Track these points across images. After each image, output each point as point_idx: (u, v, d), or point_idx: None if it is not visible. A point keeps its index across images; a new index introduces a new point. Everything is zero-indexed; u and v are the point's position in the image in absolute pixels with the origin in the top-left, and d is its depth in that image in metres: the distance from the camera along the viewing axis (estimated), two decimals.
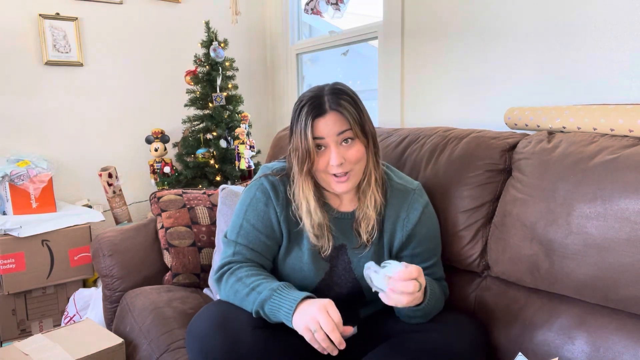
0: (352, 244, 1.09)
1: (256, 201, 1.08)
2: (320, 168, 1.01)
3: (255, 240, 1.07)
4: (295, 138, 1.00)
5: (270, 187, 1.08)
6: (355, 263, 1.09)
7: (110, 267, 1.54)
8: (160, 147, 2.45)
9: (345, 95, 1.00)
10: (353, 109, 0.99)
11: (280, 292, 0.93)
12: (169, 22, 2.67)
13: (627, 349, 0.89)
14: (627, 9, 1.26)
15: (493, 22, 1.60)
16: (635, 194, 0.89)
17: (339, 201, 1.10)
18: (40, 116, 2.34)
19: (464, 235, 1.19)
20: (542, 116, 1.24)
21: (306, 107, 0.99)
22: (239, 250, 1.06)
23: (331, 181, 1.01)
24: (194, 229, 1.61)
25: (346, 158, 0.99)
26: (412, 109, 1.97)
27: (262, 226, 1.07)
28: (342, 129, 0.98)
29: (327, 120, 0.98)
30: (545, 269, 1.03)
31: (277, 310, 0.92)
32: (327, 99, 0.99)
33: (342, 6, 2.12)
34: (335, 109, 0.98)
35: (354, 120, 0.98)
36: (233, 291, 0.99)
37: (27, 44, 2.28)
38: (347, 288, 1.10)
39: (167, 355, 1.16)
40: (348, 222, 1.09)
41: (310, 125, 0.97)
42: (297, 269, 1.09)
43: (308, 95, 1.01)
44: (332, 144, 0.98)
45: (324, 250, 1.07)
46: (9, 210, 2.02)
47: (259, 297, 0.94)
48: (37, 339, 1.30)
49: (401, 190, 1.10)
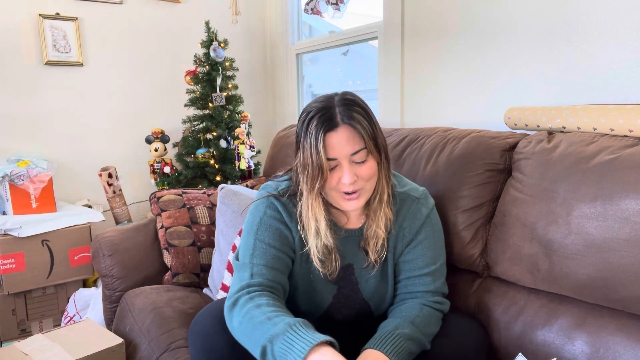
0: (359, 263, 1.03)
1: (268, 219, 1.00)
2: (332, 186, 0.93)
3: (274, 258, 0.96)
4: (304, 154, 0.91)
5: (282, 206, 1.01)
6: (363, 284, 1.04)
7: (110, 267, 1.54)
8: (160, 147, 2.45)
9: (358, 107, 0.92)
10: (366, 122, 0.91)
11: (297, 329, 0.78)
12: (169, 22, 2.66)
13: (627, 349, 0.89)
14: (627, 9, 1.26)
15: (493, 22, 1.60)
16: (635, 194, 0.89)
17: (346, 218, 1.04)
18: (40, 116, 2.35)
19: (464, 235, 1.19)
20: (542, 116, 1.24)
21: (315, 119, 0.90)
22: (257, 272, 0.94)
23: (340, 199, 0.94)
24: (194, 228, 1.61)
25: (358, 175, 0.92)
26: (412, 109, 1.97)
27: (278, 243, 0.98)
28: (355, 148, 0.90)
29: (340, 136, 0.90)
30: (545, 269, 1.03)
31: (288, 350, 0.76)
32: (338, 111, 0.91)
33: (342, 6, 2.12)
34: (348, 122, 0.90)
35: (368, 135, 0.91)
36: (249, 317, 0.84)
37: (27, 44, 2.28)
38: (355, 309, 1.06)
39: (167, 355, 1.15)
40: (355, 240, 1.03)
41: (322, 141, 0.88)
42: (307, 293, 1.05)
43: (316, 107, 0.92)
44: (344, 163, 0.91)
45: (331, 273, 1.01)
46: (9, 210, 2.02)
47: (272, 330, 0.79)
48: (37, 339, 1.31)
49: (405, 201, 1.03)
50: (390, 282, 1.06)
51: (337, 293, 1.05)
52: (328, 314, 1.07)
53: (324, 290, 1.04)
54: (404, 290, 1.04)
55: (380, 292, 1.05)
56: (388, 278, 1.06)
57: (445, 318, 1.04)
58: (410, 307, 0.99)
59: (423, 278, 1.03)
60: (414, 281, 1.03)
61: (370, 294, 1.05)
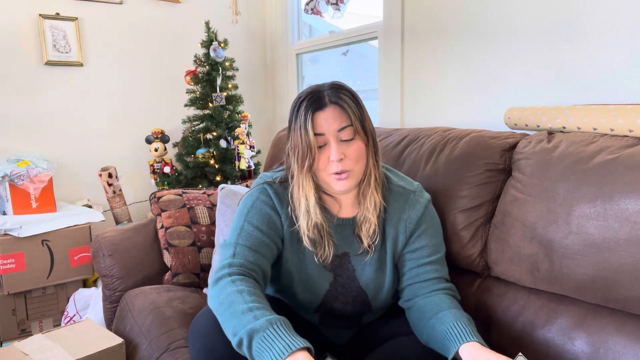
0: (354, 251, 1.06)
1: (260, 203, 1.04)
2: (321, 166, 0.98)
3: (258, 241, 1.00)
4: (295, 135, 0.97)
5: (274, 193, 1.04)
6: (360, 271, 1.06)
7: (110, 267, 1.54)
8: (160, 147, 2.45)
9: (345, 90, 0.98)
10: (353, 103, 0.97)
11: (277, 329, 0.79)
12: (169, 22, 2.67)
13: (627, 349, 0.89)
14: (627, 9, 1.26)
15: (493, 22, 1.60)
16: (635, 194, 0.89)
17: (339, 207, 1.07)
18: (40, 116, 2.35)
19: (464, 234, 1.19)
20: (542, 116, 1.24)
21: (305, 101, 0.96)
22: (240, 252, 0.98)
23: (331, 180, 0.98)
24: (194, 228, 1.61)
25: (346, 155, 0.96)
26: (412, 109, 1.97)
27: (266, 228, 1.02)
28: (342, 124, 0.95)
29: (327, 115, 0.95)
30: (545, 269, 1.03)
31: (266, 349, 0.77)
32: (326, 93, 0.97)
33: (342, 6, 2.12)
34: (335, 102, 0.96)
35: (355, 115, 0.96)
36: (229, 301, 0.87)
37: (27, 44, 2.28)
38: (352, 297, 1.07)
39: (167, 355, 1.15)
40: (349, 229, 1.06)
41: (310, 119, 0.94)
42: (303, 282, 1.07)
43: (307, 91, 0.99)
44: (332, 140, 0.95)
45: (325, 257, 1.03)
46: (9, 210, 2.02)
47: (253, 324, 0.81)
48: (37, 339, 1.31)
49: (401, 193, 1.07)
50: (388, 272, 1.06)
51: (334, 281, 1.06)
52: (325, 303, 1.08)
53: (320, 277, 1.06)
54: (416, 279, 1.04)
55: (377, 282, 1.06)
56: (386, 268, 1.06)
57: None
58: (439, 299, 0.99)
59: (432, 265, 1.05)
60: (424, 268, 1.04)
61: (367, 282, 1.06)
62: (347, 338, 1.16)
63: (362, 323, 1.14)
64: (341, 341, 1.16)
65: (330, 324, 1.14)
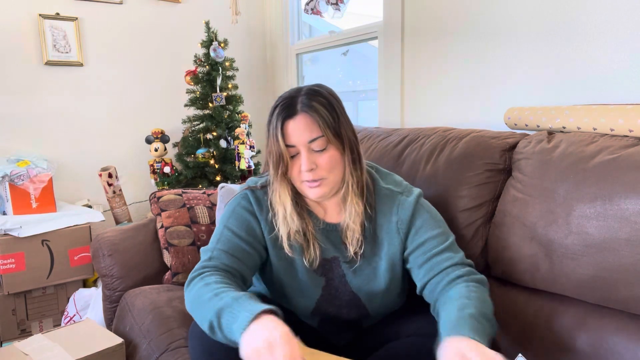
0: (343, 257, 1.04)
1: (240, 209, 1.03)
2: (294, 175, 0.97)
3: (236, 247, 0.99)
4: (270, 140, 0.97)
5: (255, 199, 1.04)
6: (350, 276, 1.04)
7: (110, 267, 1.54)
8: (160, 147, 2.45)
9: (320, 96, 0.95)
10: (326, 112, 0.94)
11: (241, 302, 0.80)
12: (169, 22, 2.66)
13: (627, 349, 0.89)
14: (627, 9, 1.26)
15: (493, 22, 1.60)
16: (635, 194, 0.89)
17: (324, 211, 1.05)
18: (40, 116, 2.34)
19: (464, 234, 1.19)
20: (542, 116, 1.24)
21: (278, 107, 0.95)
22: (216, 255, 0.97)
23: (304, 188, 0.97)
24: (194, 228, 1.61)
25: (318, 164, 0.94)
26: (412, 109, 1.97)
27: (245, 234, 1.01)
28: (312, 136, 0.93)
29: (298, 123, 0.93)
30: (545, 269, 1.03)
31: (232, 322, 0.78)
32: (299, 100, 0.94)
33: (342, 6, 2.12)
34: (305, 111, 0.93)
35: (326, 124, 0.93)
36: (197, 296, 0.87)
37: (27, 44, 2.28)
38: (345, 301, 1.06)
39: (167, 355, 1.15)
40: (337, 234, 1.04)
41: (280, 128, 0.93)
42: (295, 288, 1.06)
43: (283, 96, 0.97)
44: (303, 150, 0.94)
45: (311, 260, 1.01)
46: (9, 210, 2.02)
47: (218, 304, 0.81)
48: (37, 339, 1.30)
49: (388, 196, 1.03)
50: (382, 278, 1.04)
51: (326, 285, 1.05)
52: (320, 307, 1.07)
53: (311, 282, 1.05)
54: (431, 272, 0.98)
55: (369, 287, 1.04)
56: (379, 274, 1.04)
57: None
58: (457, 290, 0.92)
59: (444, 254, 0.98)
60: (435, 260, 0.98)
61: (358, 287, 1.05)
62: (347, 340, 1.16)
63: (362, 327, 1.14)
64: (342, 343, 1.16)
65: (329, 328, 1.14)
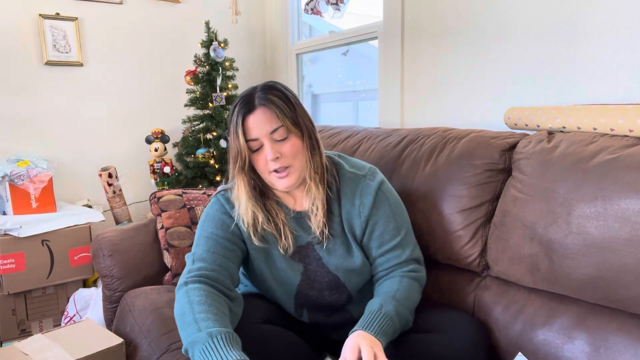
0: (314, 240, 1.09)
1: (213, 212, 1.09)
2: (261, 168, 1.03)
3: (216, 244, 1.04)
4: (230, 137, 1.03)
5: (225, 200, 1.09)
6: (326, 257, 1.09)
7: (110, 267, 1.54)
8: (160, 147, 2.45)
9: (276, 91, 1.02)
10: (282, 103, 1.00)
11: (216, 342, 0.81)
12: (169, 22, 2.66)
13: (627, 349, 0.89)
14: (627, 9, 1.26)
15: (493, 22, 1.60)
16: (635, 194, 0.89)
17: (293, 200, 1.11)
18: (40, 116, 2.34)
19: (463, 234, 1.19)
20: (542, 116, 1.24)
21: (238, 105, 1.01)
22: (198, 257, 1.01)
23: (273, 179, 1.03)
24: (194, 229, 1.61)
25: (282, 153, 1.00)
26: (412, 109, 1.97)
27: (222, 232, 1.06)
28: (272, 127, 0.99)
29: (257, 117, 0.99)
30: (545, 269, 1.03)
31: None
32: (257, 96, 1.01)
33: (342, 6, 2.12)
34: (263, 104, 1.00)
35: (284, 114, 0.99)
36: (181, 312, 0.91)
37: (27, 44, 2.28)
38: (325, 283, 1.10)
39: (168, 356, 1.15)
40: (305, 220, 1.09)
41: (241, 124, 0.99)
42: (275, 277, 1.10)
43: (240, 95, 1.03)
44: (266, 141, 1.00)
45: (285, 248, 1.07)
46: (9, 210, 2.02)
47: (194, 335, 0.84)
48: (37, 339, 1.30)
49: (352, 179, 1.09)
50: (356, 255, 1.09)
51: (305, 270, 1.10)
52: (301, 292, 1.11)
53: (290, 269, 1.09)
54: (380, 268, 1.09)
55: (345, 265, 1.09)
56: (353, 251, 1.09)
57: (444, 315, 1.05)
58: (390, 282, 1.04)
59: (393, 252, 1.08)
60: (386, 257, 1.08)
61: (335, 267, 1.09)
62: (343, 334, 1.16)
63: (353, 316, 1.15)
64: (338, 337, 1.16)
65: (321, 321, 1.15)
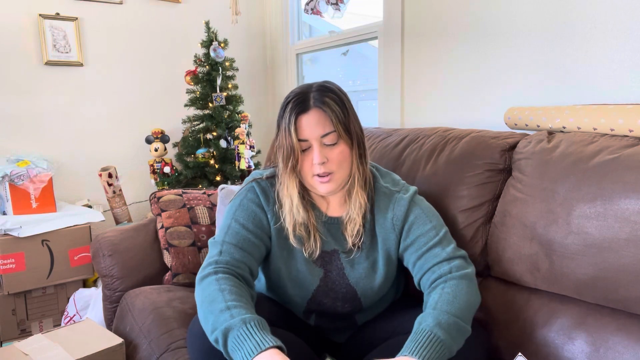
0: (343, 249, 1.07)
1: (247, 201, 1.06)
2: (305, 169, 1.01)
3: (244, 239, 1.02)
4: (281, 134, 1.00)
5: (261, 190, 1.07)
6: (349, 269, 1.07)
7: (110, 267, 1.54)
8: (160, 147, 2.45)
9: (332, 93, 0.99)
10: (338, 107, 0.98)
11: (250, 328, 0.81)
12: (169, 22, 2.66)
13: (628, 349, 0.89)
14: (627, 9, 1.26)
15: (493, 22, 1.60)
16: (635, 194, 0.89)
17: (327, 205, 1.09)
18: (40, 116, 2.34)
19: (463, 234, 1.19)
20: (542, 116, 1.24)
21: (291, 103, 0.99)
22: (226, 249, 1.00)
23: (314, 183, 1.01)
24: (194, 228, 1.61)
25: (329, 158, 0.98)
26: (412, 109, 1.97)
27: (252, 226, 1.04)
28: (325, 130, 0.97)
29: (310, 119, 0.97)
30: (545, 269, 1.03)
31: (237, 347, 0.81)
32: (312, 96, 0.98)
33: (342, 6, 2.12)
34: (319, 106, 0.97)
35: (338, 119, 0.97)
36: (210, 299, 0.89)
37: (27, 44, 2.28)
38: (342, 294, 1.08)
39: (168, 355, 1.15)
40: (338, 227, 1.08)
41: (294, 122, 0.97)
42: (293, 278, 1.09)
43: (295, 92, 1.00)
44: (315, 144, 0.98)
45: (311, 251, 1.05)
46: (9, 210, 2.02)
47: (228, 322, 0.83)
48: (37, 339, 1.30)
49: (386, 194, 1.07)
50: (380, 272, 1.07)
51: (324, 276, 1.08)
52: (315, 298, 1.09)
53: (310, 272, 1.08)
54: (420, 270, 1.02)
55: (367, 280, 1.07)
56: (378, 268, 1.07)
57: None
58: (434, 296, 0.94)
59: (432, 251, 1.02)
60: (425, 257, 1.02)
61: (356, 280, 1.08)
62: (345, 337, 1.16)
63: (357, 323, 1.14)
64: (339, 340, 1.16)
65: (325, 325, 1.14)
